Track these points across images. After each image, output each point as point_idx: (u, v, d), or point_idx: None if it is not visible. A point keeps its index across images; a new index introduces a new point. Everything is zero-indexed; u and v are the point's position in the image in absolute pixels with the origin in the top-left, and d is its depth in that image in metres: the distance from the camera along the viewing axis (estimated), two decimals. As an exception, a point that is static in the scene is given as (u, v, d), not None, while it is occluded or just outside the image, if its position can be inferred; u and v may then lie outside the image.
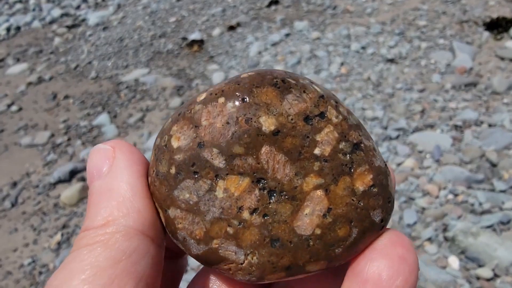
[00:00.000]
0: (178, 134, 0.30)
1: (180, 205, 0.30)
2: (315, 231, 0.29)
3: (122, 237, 0.27)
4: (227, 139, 0.29)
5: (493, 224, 1.61)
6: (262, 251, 0.30)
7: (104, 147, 0.31)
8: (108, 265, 0.26)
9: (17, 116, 2.76)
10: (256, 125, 0.29)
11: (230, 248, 0.30)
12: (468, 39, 2.71)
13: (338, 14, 3.25)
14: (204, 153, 0.29)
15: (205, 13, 3.61)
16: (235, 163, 0.29)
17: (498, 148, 1.93)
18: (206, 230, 0.30)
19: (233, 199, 0.29)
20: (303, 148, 0.29)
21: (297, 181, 0.29)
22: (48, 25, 3.81)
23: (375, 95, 2.39)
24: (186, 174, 0.30)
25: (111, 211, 0.28)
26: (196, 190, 0.30)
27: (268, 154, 0.29)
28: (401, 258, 0.27)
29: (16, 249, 1.90)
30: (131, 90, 2.83)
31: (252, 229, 0.29)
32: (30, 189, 2.20)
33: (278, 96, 0.30)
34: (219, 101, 0.30)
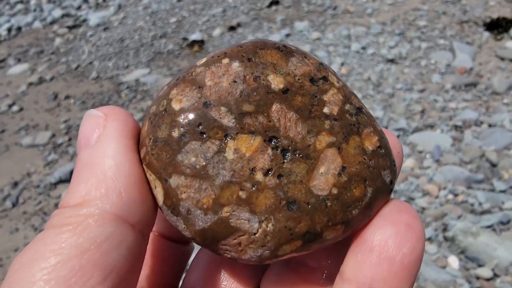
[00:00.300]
0: (179, 96, 0.28)
1: (184, 171, 0.27)
2: (332, 190, 0.28)
3: (94, 222, 0.24)
4: (235, 97, 0.28)
5: (493, 224, 1.62)
6: (278, 215, 0.28)
7: (96, 114, 0.28)
8: (73, 254, 0.23)
9: (18, 116, 2.77)
10: (265, 83, 0.28)
11: (242, 215, 0.27)
12: (468, 39, 2.71)
13: (339, 14, 3.26)
14: (211, 112, 0.28)
15: (205, 14, 3.62)
16: (246, 122, 0.28)
17: (498, 148, 1.93)
18: (216, 197, 0.27)
19: (244, 160, 0.28)
20: (312, 106, 0.29)
21: (310, 139, 0.28)
22: (49, 26, 3.82)
23: (375, 95, 2.39)
24: (191, 136, 0.27)
25: (89, 190, 0.25)
26: (204, 152, 0.27)
27: (279, 111, 0.28)
28: (408, 226, 0.27)
29: (17, 249, 1.90)
30: (132, 91, 2.83)
31: (266, 192, 0.27)
32: (31, 189, 2.21)
33: (283, 58, 0.29)
34: (223, 62, 0.29)
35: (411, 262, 0.26)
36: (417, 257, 0.26)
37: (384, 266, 0.26)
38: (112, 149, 0.27)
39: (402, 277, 0.26)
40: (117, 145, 0.27)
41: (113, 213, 0.25)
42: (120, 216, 0.25)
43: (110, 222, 0.25)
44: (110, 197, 0.25)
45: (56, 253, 0.23)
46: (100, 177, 0.26)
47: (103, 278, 0.23)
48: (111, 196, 0.25)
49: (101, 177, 0.26)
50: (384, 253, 0.26)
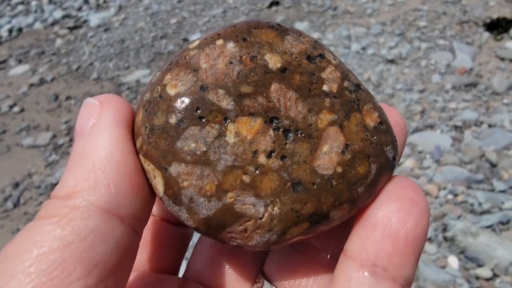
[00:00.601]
0: (174, 81, 0.27)
1: (185, 158, 0.26)
2: (337, 169, 0.27)
3: (80, 215, 0.23)
4: (233, 79, 0.27)
5: (493, 224, 1.62)
6: (283, 197, 0.27)
7: (92, 102, 0.28)
8: (55, 246, 0.22)
9: (19, 117, 2.77)
10: (262, 63, 0.27)
11: (247, 200, 0.27)
12: (468, 39, 2.72)
13: (339, 15, 3.26)
14: (208, 95, 0.27)
15: (206, 14, 3.62)
16: (245, 103, 0.27)
17: (498, 148, 1.94)
18: (219, 183, 0.26)
19: (246, 143, 0.27)
20: (311, 84, 0.28)
21: (311, 118, 0.27)
22: (50, 27, 3.83)
23: (375, 96, 2.39)
24: (190, 121, 0.26)
25: (78, 181, 0.25)
26: (203, 137, 0.26)
27: (278, 91, 0.27)
28: (412, 201, 0.26)
29: (18, 249, 1.91)
30: (133, 91, 2.84)
31: (270, 174, 0.27)
32: (32, 189, 2.22)
33: (278, 36, 0.28)
34: (217, 43, 0.27)
35: (415, 237, 0.25)
36: (421, 232, 0.25)
37: (387, 242, 0.25)
38: (104, 139, 0.26)
39: (406, 252, 0.25)
40: (109, 135, 0.26)
41: (100, 206, 0.24)
42: (108, 209, 0.24)
43: (96, 215, 0.24)
44: (98, 189, 0.24)
45: (39, 246, 0.23)
46: (89, 168, 0.25)
47: (86, 272, 0.23)
48: (99, 188, 0.24)
49: (90, 168, 0.25)
50: (387, 229, 0.26)
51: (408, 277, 0.26)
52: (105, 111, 0.27)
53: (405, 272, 0.25)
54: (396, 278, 0.25)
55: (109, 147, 0.26)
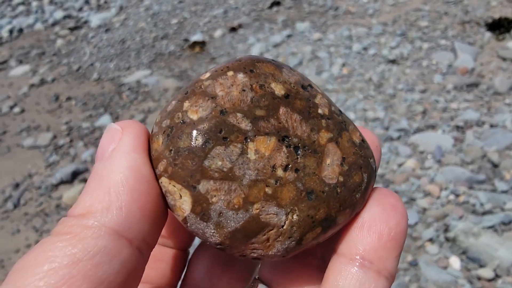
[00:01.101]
0: (194, 108, 0.30)
1: (213, 175, 0.29)
2: (339, 178, 0.31)
3: (91, 234, 0.25)
4: (247, 104, 0.30)
5: (495, 224, 1.61)
6: (301, 205, 0.30)
7: (114, 127, 0.30)
8: (65, 263, 0.24)
9: (20, 117, 2.77)
10: (270, 90, 0.31)
11: (271, 210, 0.30)
12: (469, 39, 2.71)
13: (340, 15, 3.25)
14: (229, 118, 0.30)
15: (207, 15, 3.62)
16: (260, 124, 0.30)
17: (500, 148, 1.93)
18: (245, 196, 0.29)
19: (265, 159, 0.30)
20: (310, 108, 0.32)
21: (313, 136, 0.32)
22: (50, 27, 3.83)
23: (376, 96, 2.39)
24: (215, 141, 0.29)
25: (93, 202, 0.26)
26: (228, 155, 0.29)
27: (285, 114, 0.31)
28: (393, 206, 0.31)
29: (18, 250, 1.91)
30: (133, 92, 2.84)
31: (288, 186, 0.30)
32: (32, 190, 2.21)
33: (277, 69, 0.33)
34: (229, 74, 0.31)
35: (397, 234, 0.30)
36: (401, 230, 0.30)
37: (373, 238, 0.30)
38: (121, 164, 0.28)
39: (389, 247, 0.29)
40: (126, 160, 0.28)
41: (110, 227, 0.26)
42: (118, 231, 0.26)
43: (106, 236, 0.25)
44: (110, 211, 0.26)
45: (50, 261, 0.24)
46: (105, 190, 0.27)
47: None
48: (112, 211, 0.26)
49: (106, 191, 0.27)
50: (373, 228, 0.30)
51: (391, 270, 0.29)
52: (125, 136, 0.29)
53: (389, 264, 0.29)
54: (381, 270, 0.29)
55: (124, 171, 0.27)
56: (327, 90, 2.49)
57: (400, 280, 1.52)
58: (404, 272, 1.55)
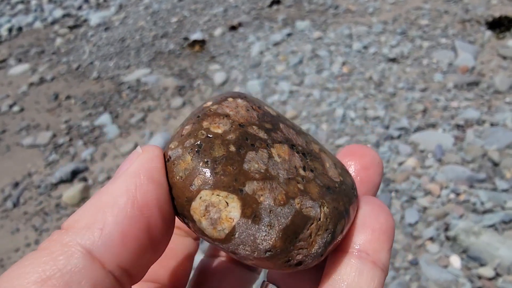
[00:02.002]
0: (214, 124, 0.32)
1: (254, 176, 0.30)
2: (340, 178, 0.35)
3: (65, 252, 0.25)
4: (256, 119, 0.34)
5: (495, 223, 1.61)
6: (327, 198, 0.33)
7: (135, 151, 0.30)
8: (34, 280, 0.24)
9: (19, 116, 2.77)
10: (266, 110, 0.36)
11: (308, 203, 0.31)
12: (470, 38, 2.70)
13: (340, 13, 3.25)
14: (248, 129, 0.33)
15: (206, 13, 3.61)
16: (273, 135, 0.34)
17: (500, 147, 1.92)
18: (286, 192, 0.31)
19: (287, 162, 0.33)
20: (294, 126, 0.37)
21: (309, 146, 0.36)
22: (50, 26, 3.82)
23: (376, 95, 2.39)
24: (246, 148, 0.31)
25: (79, 218, 0.27)
26: (260, 158, 0.32)
27: (284, 128, 0.35)
28: (380, 206, 0.34)
29: (18, 249, 1.90)
30: (133, 90, 2.83)
31: (312, 183, 0.33)
32: (32, 189, 2.21)
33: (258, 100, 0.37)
34: (230, 100, 0.34)
35: (387, 228, 0.33)
36: (390, 225, 0.33)
37: (367, 232, 0.33)
38: (120, 186, 0.27)
39: (382, 240, 0.32)
40: (127, 183, 0.28)
41: (85, 247, 0.25)
42: (90, 251, 0.25)
43: (78, 254, 0.25)
44: (90, 230, 0.26)
45: (20, 277, 0.24)
46: (94, 209, 0.27)
47: None
48: (92, 230, 0.26)
49: (94, 209, 0.27)
50: (366, 224, 0.33)
51: (385, 261, 0.32)
52: (138, 160, 0.29)
53: (383, 256, 0.32)
54: (376, 261, 0.31)
55: (118, 192, 0.27)
56: (327, 89, 2.48)
57: (400, 279, 1.52)
58: (405, 271, 1.55)
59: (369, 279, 0.31)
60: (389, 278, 1.53)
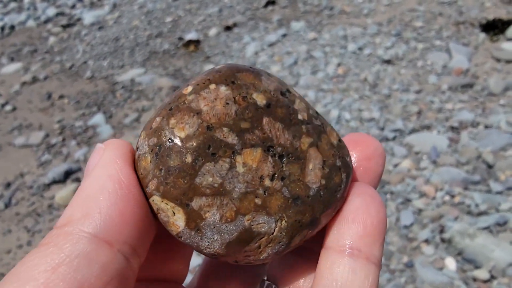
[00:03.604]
0: (181, 125, 0.30)
1: (204, 192, 0.30)
2: (321, 181, 0.33)
3: (69, 240, 0.26)
4: (232, 117, 0.31)
5: (490, 225, 1.61)
6: (288, 212, 0.32)
7: (99, 146, 0.31)
8: (43, 269, 0.24)
9: (11, 116, 2.73)
10: (252, 101, 0.32)
11: (261, 219, 0.31)
12: (464, 40, 2.72)
13: (335, 14, 3.25)
14: (216, 134, 0.30)
15: (201, 13, 3.60)
16: (246, 137, 0.31)
17: (495, 149, 1.93)
18: (237, 209, 0.30)
19: (253, 171, 0.31)
20: (290, 115, 0.33)
21: (296, 142, 0.32)
22: (43, 24, 3.78)
23: (371, 96, 2.39)
24: (204, 158, 0.30)
25: (73, 211, 0.27)
26: (218, 171, 0.30)
27: (268, 124, 0.32)
28: (371, 196, 0.33)
29: (9, 251, 1.88)
30: (127, 90, 2.81)
31: (276, 194, 0.31)
32: (24, 189, 2.18)
33: (256, 78, 0.33)
34: (211, 87, 0.31)
35: (379, 222, 0.32)
36: (382, 218, 0.32)
37: (358, 227, 0.31)
38: (101, 174, 0.29)
39: (374, 234, 0.31)
40: (106, 170, 0.29)
41: (89, 232, 0.26)
42: (96, 235, 0.26)
43: (84, 240, 0.26)
44: (88, 217, 0.27)
45: (30, 270, 0.25)
46: (84, 200, 0.28)
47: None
48: (90, 216, 0.27)
49: (85, 200, 0.28)
50: (356, 218, 0.32)
51: (378, 256, 0.31)
52: (106, 151, 0.30)
53: (375, 251, 0.31)
54: (369, 257, 0.31)
55: (103, 180, 0.28)
56: (322, 90, 2.48)
57: (396, 281, 1.52)
58: (400, 273, 1.55)
59: (363, 277, 0.30)
60: (384, 280, 1.53)
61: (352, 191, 0.34)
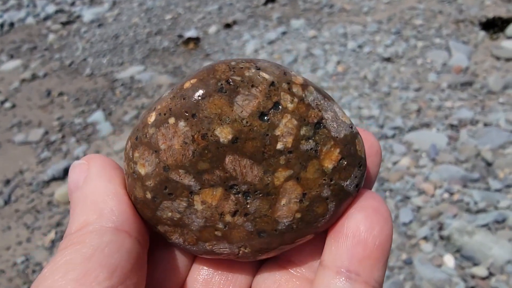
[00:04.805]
0: (142, 161, 0.30)
1: (166, 222, 0.32)
2: (296, 215, 0.30)
3: (95, 235, 0.28)
4: (189, 159, 0.29)
5: (488, 223, 1.62)
6: (252, 242, 0.31)
7: (80, 163, 0.33)
8: (80, 261, 0.27)
9: (11, 113, 2.73)
10: (214, 139, 0.29)
11: (222, 246, 0.32)
12: (464, 38, 2.72)
13: (335, 12, 3.25)
14: (171, 175, 0.30)
15: (201, 11, 3.59)
16: (204, 178, 0.30)
17: (494, 147, 1.94)
18: (197, 237, 0.32)
19: (212, 208, 0.30)
20: (265, 147, 0.29)
21: (267, 178, 0.30)
22: (42, 22, 3.77)
23: (371, 94, 2.39)
24: (162, 197, 0.31)
25: (87, 216, 0.30)
26: (176, 208, 0.31)
27: (232, 162, 0.29)
28: (375, 210, 0.29)
29: (9, 247, 1.88)
30: (127, 88, 2.81)
31: (238, 228, 0.31)
32: (24, 186, 2.18)
33: (227, 103, 0.28)
34: (170, 122, 0.29)
35: (382, 242, 0.29)
36: (386, 237, 0.29)
37: (358, 249, 0.29)
38: (99, 182, 0.31)
39: (375, 257, 0.28)
40: (102, 179, 0.31)
41: (110, 226, 0.29)
42: (116, 227, 0.29)
43: (108, 232, 0.29)
44: (105, 215, 0.30)
45: (67, 264, 0.27)
46: (93, 203, 0.30)
47: (109, 274, 0.27)
48: (106, 214, 0.30)
49: (94, 203, 0.30)
50: (357, 237, 0.29)
51: (378, 279, 0.29)
52: (93, 165, 0.32)
53: (376, 274, 0.28)
54: (368, 281, 0.28)
55: (104, 186, 0.31)
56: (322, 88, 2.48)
57: (394, 278, 1.53)
58: (399, 270, 1.55)
59: None
60: (383, 277, 1.53)
61: (356, 202, 0.31)
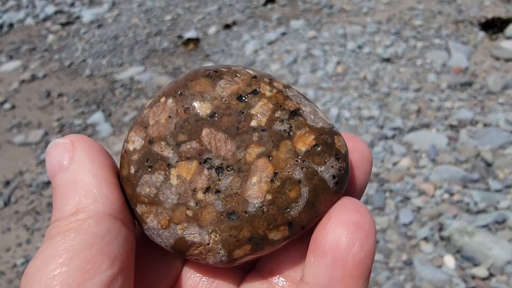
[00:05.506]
0: (133, 138, 0.33)
1: (143, 200, 0.32)
2: (266, 197, 0.30)
3: (93, 222, 0.28)
4: (171, 131, 0.31)
5: (488, 223, 1.62)
6: (221, 226, 0.31)
7: (63, 141, 0.32)
8: (82, 248, 0.27)
9: (10, 114, 2.73)
10: (194, 112, 0.31)
11: (193, 230, 0.31)
12: (463, 39, 2.72)
13: (335, 13, 3.25)
14: (154, 147, 0.32)
15: (201, 11, 3.59)
16: (182, 150, 0.31)
17: (493, 147, 1.94)
18: (169, 218, 0.32)
19: (186, 183, 0.31)
20: (239, 123, 0.31)
21: (239, 154, 0.31)
22: (41, 22, 3.77)
23: (371, 94, 2.39)
24: (143, 171, 0.32)
25: (80, 200, 0.29)
26: (154, 182, 0.32)
27: (208, 135, 0.31)
28: (357, 225, 0.28)
29: (9, 249, 1.88)
30: (126, 88, 2.81)
31: (208, 208, 0.31)
32: (23, 188, 2.18)
33: (211, 84, 0.32)
34: (161, 101, 0.32)
35: (362, 259, 0.27)
36: (367, 254, 0.28)
37: (338, 268, 0.27)
38: (88, 167, 0.30)
39: (356, 275, 0.27)
40: (91, 163, 0.31)
41: (106, 213, 0.29)
42: (112, 215, 0.29)
43: (105, 220, 0.29)
44: (100, 201, 0.29)
45: (68, 250, 0.27)
46: (86, 188, 0.30)
47: (111, 262, 0.27)
48: (101, 200, 0.29)
49: (87, 188, 0.30)
50: (336, 255, 0.28)
51: None
52: (79, 146, 0.31)
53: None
54: None
55: (95, 171, 0.30)
56: (322, 89, 2.48)
57: (395, 279, 1.53)
58: (399, 271, 1.55)
59: None
60: (383, 278, 1.53)
61: (333, 212, 0.30)
